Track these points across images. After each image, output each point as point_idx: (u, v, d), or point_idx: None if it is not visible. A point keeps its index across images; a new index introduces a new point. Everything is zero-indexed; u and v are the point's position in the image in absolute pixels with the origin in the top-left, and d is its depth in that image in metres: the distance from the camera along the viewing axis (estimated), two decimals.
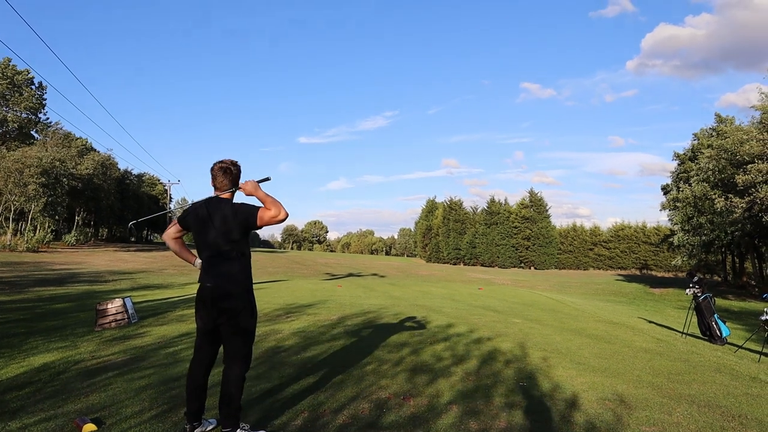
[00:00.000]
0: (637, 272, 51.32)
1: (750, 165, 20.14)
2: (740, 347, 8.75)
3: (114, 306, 7.76)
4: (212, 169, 3.47)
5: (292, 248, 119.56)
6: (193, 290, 3.19)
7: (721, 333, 9.29)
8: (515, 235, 57.96)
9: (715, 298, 10.20)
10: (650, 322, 12.83)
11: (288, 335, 7.17)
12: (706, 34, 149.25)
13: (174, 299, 11.60)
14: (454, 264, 60.21)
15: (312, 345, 6.56)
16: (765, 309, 8.34)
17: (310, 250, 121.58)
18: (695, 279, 10.03)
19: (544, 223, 57.86)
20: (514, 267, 56.92)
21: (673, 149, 60.76)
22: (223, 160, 3.48)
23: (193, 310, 3.46)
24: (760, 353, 8.01)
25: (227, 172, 3.45)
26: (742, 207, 20.80)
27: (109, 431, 3.39)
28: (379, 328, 8.11)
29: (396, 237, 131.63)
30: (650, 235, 53.63)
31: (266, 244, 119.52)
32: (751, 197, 20.17)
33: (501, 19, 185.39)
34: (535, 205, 58.69)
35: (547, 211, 58.93)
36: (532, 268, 56.46)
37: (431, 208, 70.69)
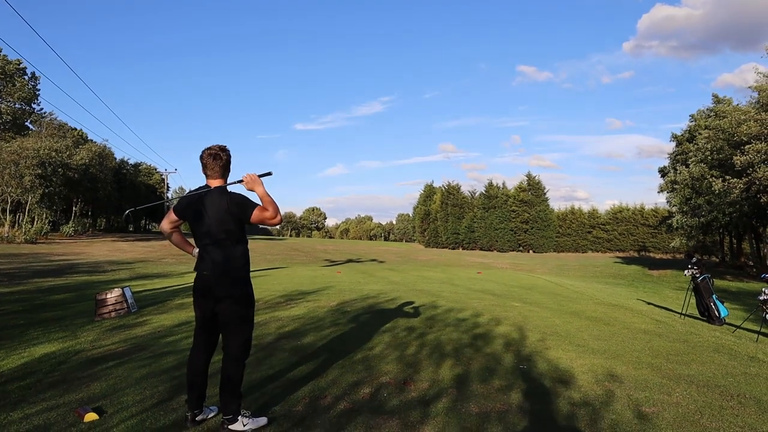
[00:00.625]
0: (636, 254, 51.44)
1: (748, 145, 20.08)
2: (738, 327, 8.80)
3: (113, 296, 7.75)
4: (201, 157, 3.43)
5: (290, 235, 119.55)
6: (192, 279, 3.19)
7: (719, 313, 9.32)
8: (513, 219, 57.94)
9: (714, 279, 10.23)
10: (649, 303, 12.88)
11: (288, 322, 7.18)
12: (702, 14, 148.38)
13: (173, 288, 11.60)
14: (453, 248, 60.29)
15: (312, 331, 6.57)
16: (763, 289, 8.36)
17: (308, 237, 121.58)
18: (693, 260, 10.05)
19: (542, 207, 57.83)
20: (513, 251, 57.00)
21: (670, 131, 60.93)
22: (211, 146, 3.45)
23: (188, 299, 3.46)
24: (759, 332, 8.05)
25: (217, 158, 3.41)
26: (740, 188, 20.79)
27: (110, 420, 3.39)
28: (379, 313, 8.12)
29: (394, 222, 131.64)
30: (648, 217, 53.70)
31: (265, 231, 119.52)
32: (749, 177, 20.15)
33: (496, 1, 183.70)
34: (533, 189, 58.61)
35: (545, 194, 58.87)
36: (530, 251, 56.56)
37: (429, 192, 70.58)
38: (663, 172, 34.08)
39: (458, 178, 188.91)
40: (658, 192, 32.32)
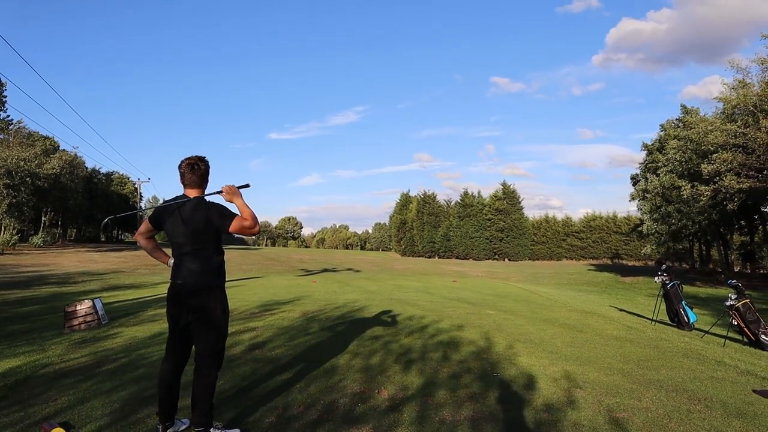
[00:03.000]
0: (609, 261, 52.33)
1: (714, 155, 20.64)
2: (707, 332, 8.98)
3: (83, 307, 7.60)
4: (180, 167, 3.42)
5: (266, 245, 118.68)
6: (165, 290, 3.15)
7: (688, 319, 9.52)
8: (489, 228, 58.48)
9: (683, 285, 10.44)
10: (621, 310, 13.07)
11: (261, 332, 7.11)
12: (667, 29, 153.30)
13: (146, 299, 11.42)
14: (429, 257, 60.51)
15: (286, 341, 6.52)
16: (729, 295, 8.58)
17: (284, 246, 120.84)
18: (663, 267, 10.25)
19: (517, 215, 58.52)
20: (489, 259, 57.45)
21: (639, 140, 62.45)
22: (190, 156, 3.44)
23: (161, 310, 3.42)
24: (726, 337, 8.25)
25: (195, 168, 3.40)
26: (707, 195, 21.34)
27: None
28: (354, 322, 8.10)
29: (371, 231, 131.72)
30: (621, 225, 54.78)
31: (240, 241, 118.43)
32: (716, 185, 20.70)
33: (470, 14, 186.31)
34: (508, 197, 59.29)
35: (520, 202, 59.61)
36: (506, 259, 57.08)
37: (405, 201, 70.81)
38: (634, 180, 34.82)
39: (434, 187, 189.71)
40: (630, 200, 33.04)
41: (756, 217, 28.85)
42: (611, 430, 3.70)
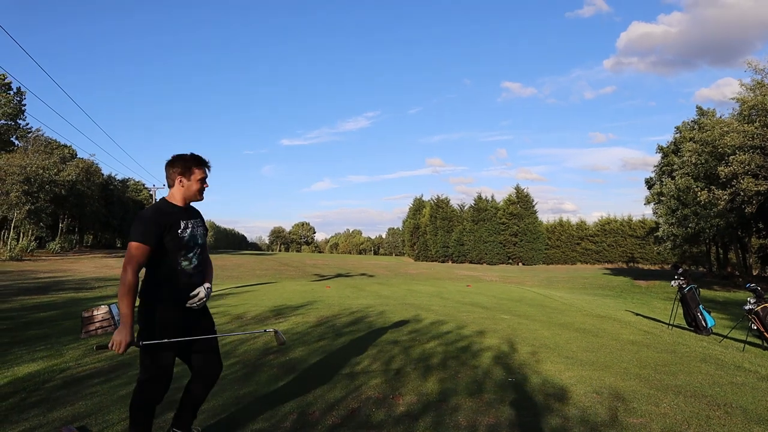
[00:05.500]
0: (624, 265, 51.80)
1: (731, 157, 20.40)
2: (725, 337, 8.86)
3: (100, 313, 7.68)
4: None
5: (280, 250, 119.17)
6: None
7: (706, 323, 9.39)
8: (503, 232, 58.25)
9: (700, 289, 10.31)
10: (637, 314, 12.94)
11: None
12: (678, 32, 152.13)
13: None
14: (443, 262, 60.38)
15: (299, 346, 6.54)
16: (748, 299, 8.45)
17: (298, 251, 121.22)
18: (680, 271, 10.14)
19: (531, 219, 58.22)
20: (502, 263, 57.19)
21: (652, 143, 62.51)
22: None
23: None
24: (745, 342, 8.12)
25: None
26: (725, 199, 21.07)
27: None
28: (368, 327, 8.09)
29: (384, 236, 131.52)
30: (636, 229, 54.20)
31: (254, 246, 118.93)
32: (734, 188, 20.43)
33: (480, 20, 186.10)
34: (522, 201, 59.02)
35: (533, 206, 59.32)
36: (519, 264, 56.77)
37: (418, 206, 70.85)
38: (649, 183, 34.51)
39: (447, 192, 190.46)
40: (645, 204, 32.72)
41: None
42: None
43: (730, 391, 5.02)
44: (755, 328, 8.23)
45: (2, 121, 35.94)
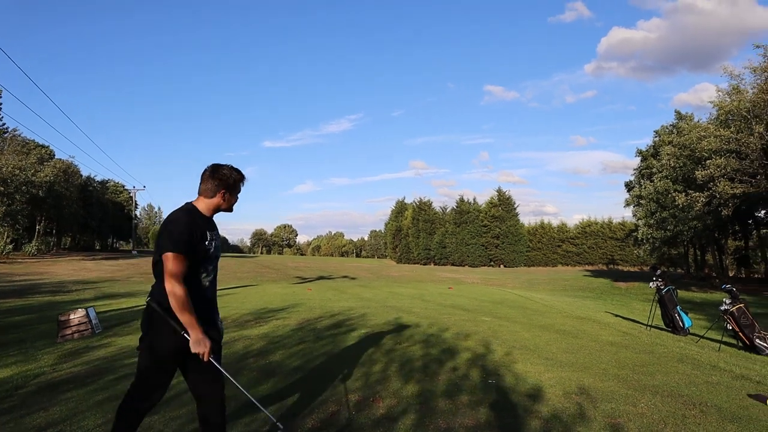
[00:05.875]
0: (604, 267, 52.36)
1: (708, 161, 20.77)
2: (702, 337, 9.00)
3: (77, 317, 7.56)
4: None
5: (261, 252, 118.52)
6: None
7: (683, 324, 9.54)
8: (484, 234, 58.58)
9: (678, 291, 10.48)
10: (616, 315, 13.10)
11: (256, 340, 7.09)
12: (657, 38, 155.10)
13: (140, 307, 11.33)
14: (425, 264, 60.54)
15: (279, 349, 6.51)
16: (724, 299, 8.61)
17: (279, 253, 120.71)
18: (658, 272, 10.29)
19: (513, 222, 58.67)
20: (484, 266, 57.50)
21: (632, 147, 62.60)
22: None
23: None
24: (721, 342, 8.26)
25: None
26: (701, 201, 21.44)
27: None
28: (348, 330, 8.08)
29: (366, 239, 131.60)
30: (616, 231, 54.87)
31: (236, 249, 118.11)
32: (710, 191, 20.80)
33: (464, 23, 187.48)
34: (504, 204, 59.43)
35: (515, 209, 59.80)
36: (501, 266, 57.12)
37: (401, 209, 70.97)
38: (629, 186, 34.94)
39: (429, 194, 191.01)
40: (624, 206, 33.14)
41: (750, 222, 29.03)
42: None
43: (705, 390, 5.10)
44: (731, 328, 8.38)
45: None
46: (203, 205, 2.89)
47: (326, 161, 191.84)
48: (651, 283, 10.28)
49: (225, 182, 2.89)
